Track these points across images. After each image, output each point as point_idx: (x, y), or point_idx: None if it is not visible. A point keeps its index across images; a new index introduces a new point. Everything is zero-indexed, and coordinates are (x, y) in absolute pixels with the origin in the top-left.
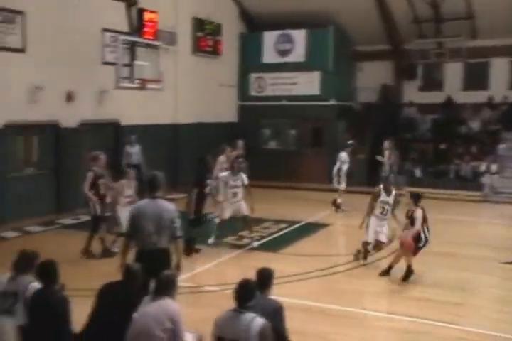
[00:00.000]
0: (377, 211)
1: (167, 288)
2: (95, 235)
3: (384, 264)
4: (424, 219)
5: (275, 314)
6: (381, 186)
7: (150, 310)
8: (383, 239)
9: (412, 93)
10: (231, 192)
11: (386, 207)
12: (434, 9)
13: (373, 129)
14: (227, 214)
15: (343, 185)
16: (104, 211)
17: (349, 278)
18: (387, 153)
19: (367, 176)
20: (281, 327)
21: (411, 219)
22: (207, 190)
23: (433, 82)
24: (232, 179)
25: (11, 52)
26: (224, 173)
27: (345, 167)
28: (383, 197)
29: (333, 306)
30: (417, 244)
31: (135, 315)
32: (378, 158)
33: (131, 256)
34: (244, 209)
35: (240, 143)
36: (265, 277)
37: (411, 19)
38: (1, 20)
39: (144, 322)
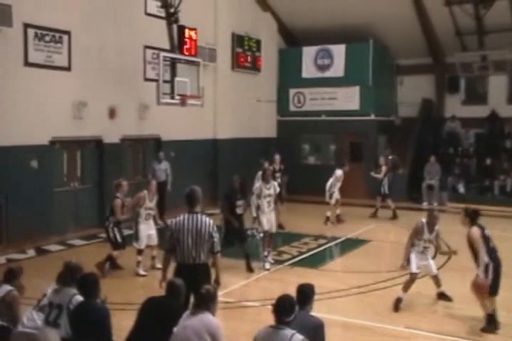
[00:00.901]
0: (418, 248)
1: (207, 302)
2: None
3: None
4: (485, 239)
5: (316, 331)
6: (424, 220)
7: (190, 324)
8: (434, 270)
9: (455, 107)
10: (266, 202)
11: (427, 245)
12: (477, 21)
13: (414, 144)
14: (265, 225)
15: (333, 201)
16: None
17: (391, 295)
18: (383, 169)
19: (407, 192)
20: None
21: (472, 249)
22: (238, 210)
23: (476, 96)
24: (265, 187)
25: (57, 70)
26: (256, 184)
27: (338, 185)
28: (426, 234)
29: (373, 323)
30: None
31: (175, 329)
32: (372, 173)
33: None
34: (273, 224)
35: (277, 157)
36: (306, 293)
37: (453, 31)
38: (49, 40)
39: (185, 336)
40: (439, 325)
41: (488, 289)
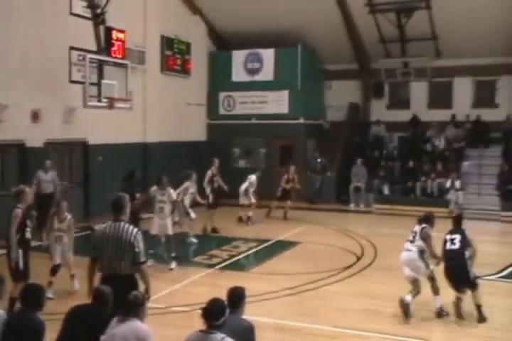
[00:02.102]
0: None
1: (135, 309)
2: None
3: (355, 281)
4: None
5: (246, 334)
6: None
7: (118, 331)
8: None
9: (380, 111)
10: (158, 207)
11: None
12: (400, 29)
13: (342, 147)
14: (153, 230)
15: (253, 200)
16: None
17: (320, 296)
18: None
19: (336, 194)
20: None
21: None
22: (135, 204)
23: (400, 101)
24: (159, 193)
25: None
26: (153, 187)
27: (252, 189)
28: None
29: (305, 324)
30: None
31: (103, 338)
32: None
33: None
34: (169, 228)
35: (216, 161)
36: (237, 296)
37: (377, 39)
38: None
39: None
40: (365, 322)
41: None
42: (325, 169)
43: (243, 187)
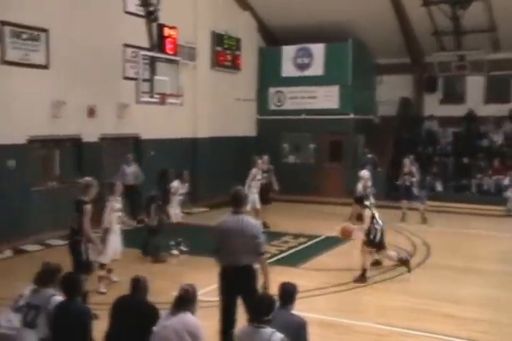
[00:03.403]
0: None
1: (187, 302)
2: None
3: (407, 279)
4: (372, 217)
5: (299, 330)
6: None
7: (170, 323)
8: None
9: (433, 106)
10: (178, 199)
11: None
12: (455, 22)
13: (393, 143)
14: (174, 219)
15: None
16: None
17: (370, 293)
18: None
19: (386, 190)
20: None
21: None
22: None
23: (454, 95)
24: (181, 187)
25: (35, 68)
26: (175, 184)
27: (369, 184)
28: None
29: (352, 321)
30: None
31: (155, 329)
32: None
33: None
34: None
35: (266, 157)
36: (288, 292)
37: (431, 32)
38: (27, 37)
39: (164, 336)
40: (411, 321)
41: (351, 234)
42: (375, 165)
43: (359, 186)
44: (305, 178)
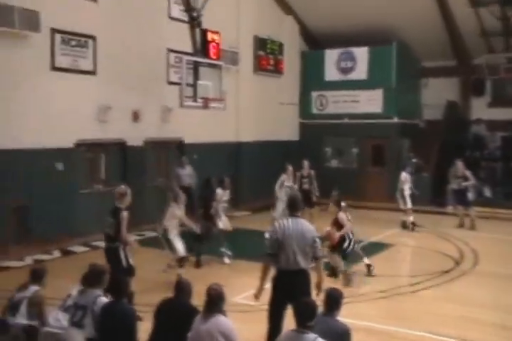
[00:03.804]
0: None
1: (217, 303)
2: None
3: (453, 287)
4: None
5: (343, 337)
6: None
7: (203, 327)
8: None
9: (481, 109)
10: (222, 206)
11: None
12: (504, 22)
13: (439, 147)
14: (222, 226)
15: (409, 205)
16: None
17: (415, 300)
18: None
19: (431, 195)
20: None
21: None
22: (212, 211)
23: (503, 98)
24: (224, 195)
25: (83, 74)
26: (219, 191)
27: (406, 187)
28: None
29: (397, 328)
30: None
31: (189, 334)
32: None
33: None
34: (227, 224)
35: (306, 163)
36: (334, 298)
37: (478, 33)
38: (75, 44)
39: (198, 338)
40: (461, 330)
41: (336, 241)
42: (420, 170)
43: (399, 190)
44: (347, 183)
